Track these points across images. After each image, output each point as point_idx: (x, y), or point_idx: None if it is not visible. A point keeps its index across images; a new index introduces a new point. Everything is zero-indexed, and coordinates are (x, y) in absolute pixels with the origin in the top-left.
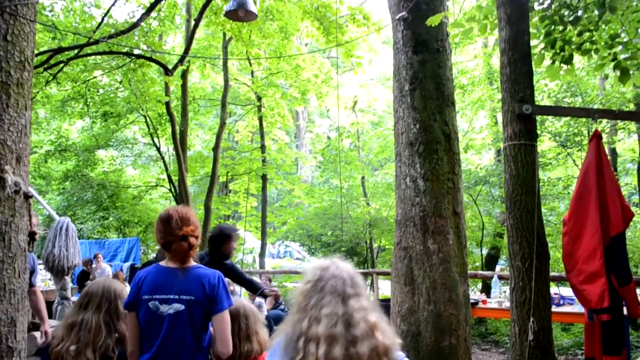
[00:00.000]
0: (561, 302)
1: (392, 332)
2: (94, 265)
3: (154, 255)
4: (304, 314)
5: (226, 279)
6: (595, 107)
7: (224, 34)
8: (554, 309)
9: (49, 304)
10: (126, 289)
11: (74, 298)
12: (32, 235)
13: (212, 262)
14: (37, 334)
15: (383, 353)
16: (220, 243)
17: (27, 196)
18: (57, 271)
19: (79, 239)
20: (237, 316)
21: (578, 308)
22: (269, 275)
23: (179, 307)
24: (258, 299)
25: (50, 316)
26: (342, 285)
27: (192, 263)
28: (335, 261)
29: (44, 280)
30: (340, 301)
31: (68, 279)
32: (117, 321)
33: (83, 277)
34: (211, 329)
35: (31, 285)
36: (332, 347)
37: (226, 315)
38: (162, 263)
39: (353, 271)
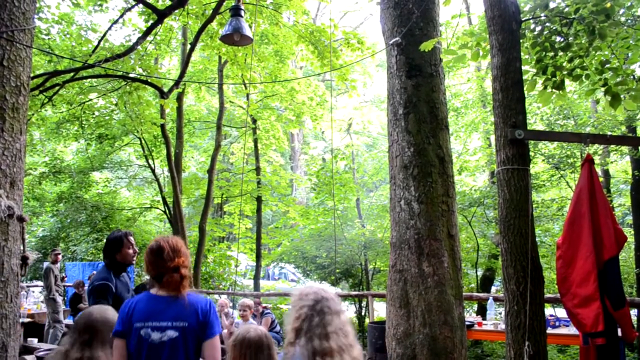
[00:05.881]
0: (557, 323)
1: None
2: (86, 287)
3: (148, 277)
4: (311, 334)
5: (218, 303)
6: (588, 129)
7: (220, 58)
8: (549, 330)
9: (40, 327)
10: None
11: (67, 321)
12: (24, 259)
13: (115, 275)
14: (29, 358)
15: (362, 354)
16: (113, 252)
17: (21, 220)
18: None
19: (72, 261)
20: (261, 346)
21: (574, 330)
22: (259, 299)
23: (173, 334)
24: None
25: (41, 339)
26: (334, 304)
27: (186, 291)
28: (317, 285)
29: (35, 302)
30: (337, 317)
31: (60, 301)
32: None
33: (75, 300)
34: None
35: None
36: (342, 356)
37: (217, 341)
38: (153, 291)
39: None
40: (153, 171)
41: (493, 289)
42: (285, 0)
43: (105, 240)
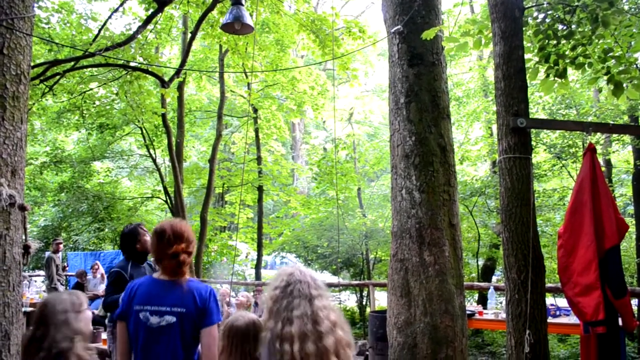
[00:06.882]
0: (557, 313)
1: (349, 330)
2: (89, 277)
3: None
4: (278, 317)
5: (220, 293)
6: (590, 119)
7: (220, 47)
8: (550, 320)
9: None
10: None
11: None
12: (26, 248)
13: (135, 266)
14: None
15: (345, 346)
16: (132, 244)
17: (23, 209)
18: None
19: (74, 250)
20: (247, 335)
21: (574, 319)
22: (261, 288)
23: (171, 319)
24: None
25: None
26: (308, 288)
27: (186, 276)
28: (298, 267)
29: (38, 292)
30: (308, 302)
31: (62, 290)
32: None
33: (78, 289)
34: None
35: None
36: (304, 343)
37: (215, 329)
38: (155, 275)
39: (315, 274)
40: (154, 161)
41: (494, 278)
42: None
43: (120, 237)
